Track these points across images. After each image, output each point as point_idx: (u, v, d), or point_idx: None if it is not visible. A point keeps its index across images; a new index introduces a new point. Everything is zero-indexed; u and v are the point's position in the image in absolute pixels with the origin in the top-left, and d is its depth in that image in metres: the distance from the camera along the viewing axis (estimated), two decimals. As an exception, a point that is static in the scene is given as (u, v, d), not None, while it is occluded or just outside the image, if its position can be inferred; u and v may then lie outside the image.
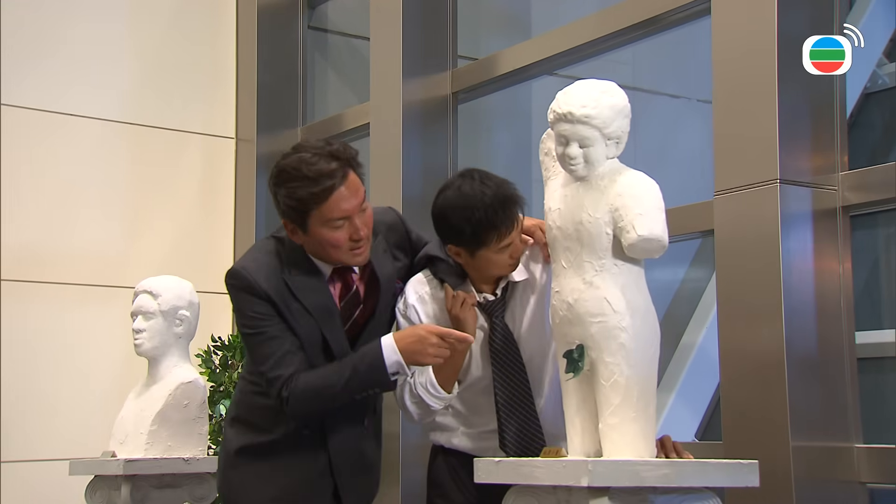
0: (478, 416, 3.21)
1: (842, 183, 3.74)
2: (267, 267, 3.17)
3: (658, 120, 6.22)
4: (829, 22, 3.79)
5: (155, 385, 4.34)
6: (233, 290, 3.20)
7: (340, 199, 3.04)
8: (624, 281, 2.73)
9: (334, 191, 3.03)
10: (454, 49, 5.45)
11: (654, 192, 2.72)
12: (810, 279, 3.67)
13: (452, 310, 3.14)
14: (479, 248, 3.07)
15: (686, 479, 2.62)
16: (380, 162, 5.40)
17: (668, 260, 5.93)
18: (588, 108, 2.72)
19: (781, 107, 3.64)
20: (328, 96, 6.57)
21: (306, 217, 3.07)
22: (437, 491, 3.28)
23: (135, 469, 4.19)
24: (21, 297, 5.78)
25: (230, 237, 6.39)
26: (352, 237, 3.09)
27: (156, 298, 4.30)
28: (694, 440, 5.25)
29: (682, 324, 5.80)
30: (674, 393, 5.66)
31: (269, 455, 3.24)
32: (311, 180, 3.02)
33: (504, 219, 3.03)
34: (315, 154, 3.05)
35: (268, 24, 6.38)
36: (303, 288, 3.15)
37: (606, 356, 2.69)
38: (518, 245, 3.09)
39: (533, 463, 2.67)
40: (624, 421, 2.67)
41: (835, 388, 3.66)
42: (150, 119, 6.21)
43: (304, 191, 3.03)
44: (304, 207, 3.05)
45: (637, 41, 4.78)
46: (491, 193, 3.02)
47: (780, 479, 3.50)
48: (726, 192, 3.79)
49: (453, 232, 3.09)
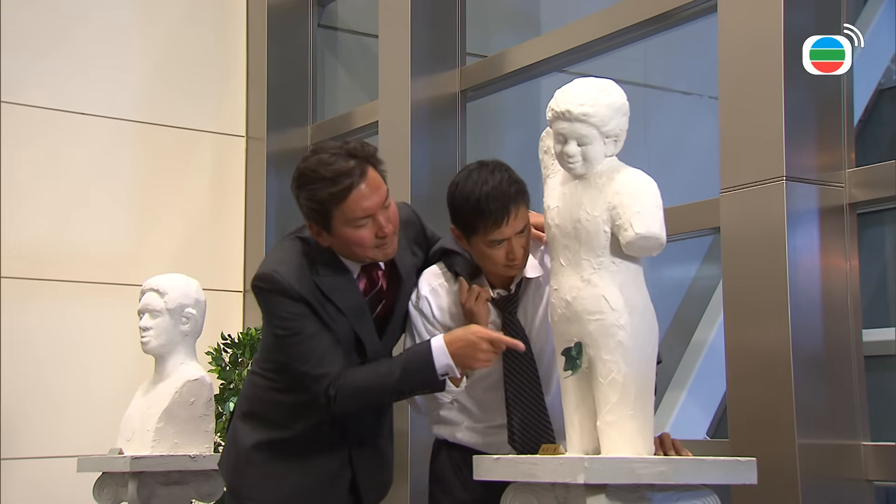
0: (483, 412, 3.23)
1: (849, 180, 3.75)
2: (298, 269, 3.13)
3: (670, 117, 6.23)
4: (835, 18, 3.79)
5: (161, 383, 4.38)
6: (263, 294, 3.15)
7: (361, 198, 3.04)
8: (622, 279, 2.75)
9: (353, 189, 3.03)
10: (463, 46, 5.46)
11: (652, 190, 2.73)
12: (817, 277, 3.69)
13: (466, 303, 3.17)
14: (471, 235, 3.12)
15: (683, 476, 2.64)
16: (388, 160, 5.27)
17: (680, 257, 5.98)
18: (586, 106, 2.73)
19: (788, 104, 3.66)
20: (338, 94, 6.59)
21: (329, 218, 3.06)
22: (439, 486, 3.31)
23: (141, 466, 4.23)
24: (32, 295, 5.83)
25: (240, 235, 6.42)
26: (377, 234, 3.09)
27: (162, 296, 4.34)
28: (705, 438, 5.26)
29: (694, 322, 5.81)
30: (685, 391, 5.68)
31: (287, 450, 3.24)
32: (329, 180, 3.02)
33: (495, 210, 3.05)
34: (332, 154, 3.05)
35: (278, 22, 6.40)
36: (334, 289, 3.14)
37: (604, 354, 2.71)
38: (517, 248, 3.10)
39: (531, 460, 2.70)
40: (622, 418, 2.69)
41: (842, 385, 3.67)
42: (160, 117, 6.24)
43: (323, 192, 3.03)
44: (326, 208, 3.05)
45: (647, 37, 4.78)
46: (493, 184, 3.06)
47: (786, 476, 3.52)
48: (732, 189, 3.80)
49: (452, 210, 3.15)
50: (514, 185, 3.09)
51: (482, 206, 3.06)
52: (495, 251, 3.10)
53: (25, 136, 5.87)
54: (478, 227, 3.08)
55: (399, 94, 5.38)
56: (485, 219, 3.06)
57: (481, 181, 3.08)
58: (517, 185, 3.10)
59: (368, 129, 5.87)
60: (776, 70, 3.68)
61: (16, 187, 5.82)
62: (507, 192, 3.06)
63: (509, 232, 3.08)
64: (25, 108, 5.88)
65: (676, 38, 4.98)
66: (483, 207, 3.06)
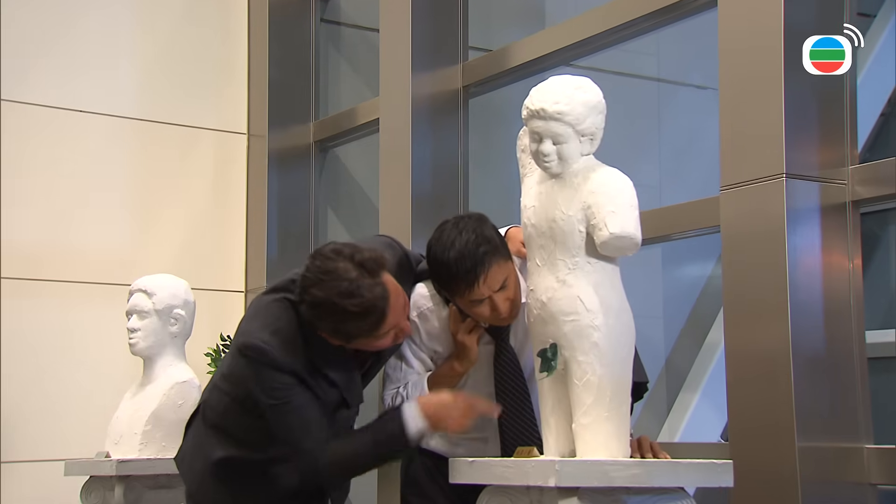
0: None
1: (851, 177, 3.75)
2: (291, 343, 3.08)
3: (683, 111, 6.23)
4: (838, 13, 3.79)
5: (150, 385, 4.41)
6: (254, 364, 3.10)
7: (390, 320, 3.03)
8: (597, 279, 2.78)
9: (385, 319, 3.00)
10: (465, 40, 5.44)
11: (628, 190, 2.76)
12: (818, 276, 3.69)
13: (458, 335, 3.22)
14: (451, 295, 3.16)
15: (657, 479, 2.67)
16: (389, 158, 5.44)
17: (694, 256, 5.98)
18: (561, 104, 2.76)
19: (788, 99, 3.66)
20: (342, 91, 6.60)
21: (353, 339, 3.05)
22: (411, 489, 3.37)
23: (128, 469, 4.26)
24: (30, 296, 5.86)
25: (242, 233, 6.43)
26: (396, 338, 3.10)
27: (150, 297, 4.36)
28: (720, 441, 5.27)
29: (708, 322, 5.81)
30: (698, 393, 5.69)
31: (257, 470, 3.23)
32: (358, 315, 2.98)
33: (464, 273, 3.06)
34: (350, 281, 2.97)
35: (280, 17, 6.40)
36: (327, 363, 3.12)
37: (579, 355, 2.75)
38: (500, 303, 3.10)
39: (504, 463, 2.74)
40: (597, 420, 2.72)
41: (843, 387, 3.67)
42: (160, 115, 6.26)
43: (352, 325, 3.00)
44: (354, 335, 3.04)
45: (657, 29, 4.74)
46: (459, 247, 3.07)
47: (786, 479, 3.53)
48: (732, 187, 3.82)
49: (429, 270, 3.20)
50: (484, 244, 3.07)
51: (452, 270, 3.07)
52: (478, 309, 3.13)
53: (25, 134, 5.91)
54: (453, 290, 3.12)
55: (400, 90, 5.38)
56: (457, 282, 3.08)
57: (448, 244, 3.09)
58: (487, 244, 3.08)
59: (369, 127, 5.89)
60: (776, 65, 3.68)
61: (14, 186, 5.86)
62: (475, 255, 3.06)
63: (486, 291, 3.09)
64: (25, 105, 5.93)
65: (690, 31, 4.95)
66: (453, 272, 3.07)
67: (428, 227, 5.17)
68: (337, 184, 6.55)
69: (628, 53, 5.60)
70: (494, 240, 3.11)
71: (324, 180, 6.45)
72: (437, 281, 3.18)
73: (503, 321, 3.17)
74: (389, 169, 5.43)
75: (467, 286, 3.07)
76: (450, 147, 5.37)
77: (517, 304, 3.15)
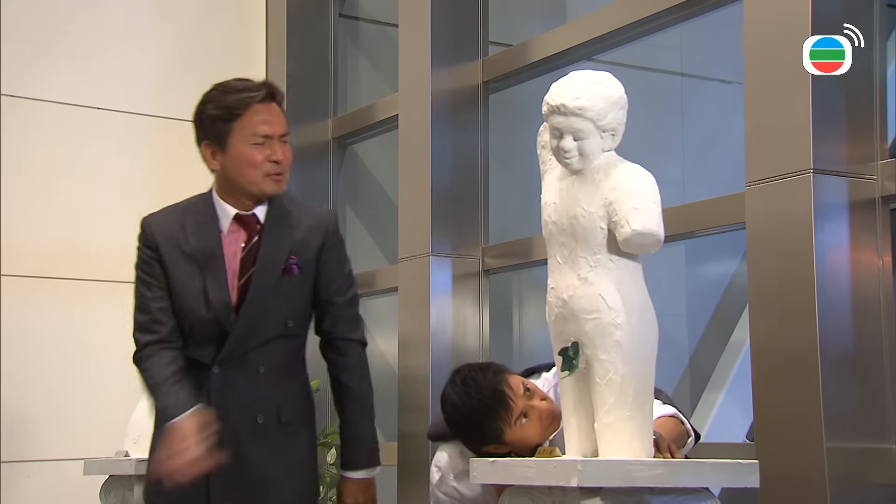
0: None
1: (881, 172, 3.74)
2: (171, 213, 3.50)
3: (707, 106, 6.22)
4: (868, 5, 3.78)
5: (168, 384, 4.43)
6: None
7: (263, 113, 3.38)
8: (619, 276, 2.78)
9: (258, 102, 3.37)
10: (485, 35, 5.44)
11: (650, 186, 2.75)
12: (846, 273, 3.68)
13: None
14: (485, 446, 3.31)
15: (680, 479, 2.67)
16: (408, 154, 5.45)
17: (719, 253, 5.97)
18: (581, 99, 2.76)
19: (815, 93, 3.65)
20: (360, 86, 6.61)
21: (228, 132, 3.36)
22: None
23: (147, 469, 4.30)
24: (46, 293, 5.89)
25: (258, 231, 6.44)
26: (270, 158, 3.35)
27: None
28: (745, 441, 5.26)
29: (733, 320, 5.80)
30: (723, 392, 5.67)
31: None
32: (237, 91, 3.38)
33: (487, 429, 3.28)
34: (245, 79, 3.47)
35: (298, 13, 6.42)
36: (195, 232, 3.43)
37: (601, 354, 2.75)
38: (529, 431, 3.29)
39: (525, 463, 2.75)
40: (619, 420, 2.72)
41: (873, 386, 3.67)
42: (178, 111, 6.25)
43: (231, 97, 3.37)
44: (229, 115, 3.36)
45: (681, 23, 4.73)
46: (468, 407, 3.29)
47: (813, 480, 3.53)
48: (757, 182, 3.81)
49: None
50: (484, 390, 3.30)
51: (472, 428, 3.33)
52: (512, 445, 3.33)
53: (41, 132, 5.95)
54: (485, 443, 3.33)
55: (419, 86, 5.38)
56: (493, 415, 3.29)
57: (456, 407, 3.34)
58: (486, 389, 3.30)
59: (389, 123, 5.91)
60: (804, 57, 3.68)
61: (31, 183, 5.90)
62: (483, 408, 3.29)
63: (521, 392, 3.33)
64: (41, 102, 5.97)
65: (714, 24, 4.95)
66: (473, 429, 3.33)
67: (447, 224, 5.23)
68: (356, 180, 6.57)
69: (651, 48, 5.59)
70: (478, 412, 3.32)
71: (342, 177, 6.46)
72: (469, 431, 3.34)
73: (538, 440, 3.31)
74: (409, 165, 5.43)
75: (493, 437, 3.29)
76: (470, 143, 5.38)
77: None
